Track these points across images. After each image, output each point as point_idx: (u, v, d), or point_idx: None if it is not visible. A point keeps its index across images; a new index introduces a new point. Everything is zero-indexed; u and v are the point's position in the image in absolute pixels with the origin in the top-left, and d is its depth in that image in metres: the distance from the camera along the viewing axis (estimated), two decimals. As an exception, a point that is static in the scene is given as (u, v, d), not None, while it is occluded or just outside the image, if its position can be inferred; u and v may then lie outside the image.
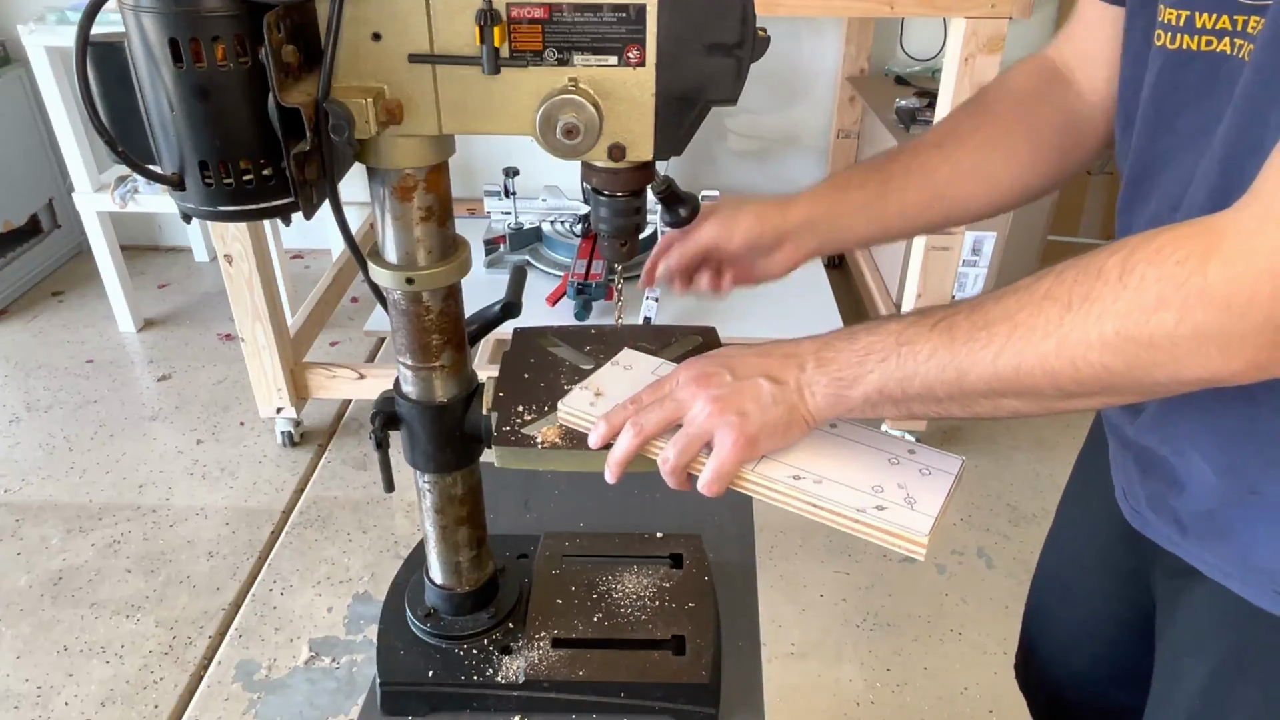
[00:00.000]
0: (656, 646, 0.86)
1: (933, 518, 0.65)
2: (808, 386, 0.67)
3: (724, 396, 0.67)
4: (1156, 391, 0.57)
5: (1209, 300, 0.52)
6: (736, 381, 0.68)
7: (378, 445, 0.78)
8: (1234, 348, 0.52)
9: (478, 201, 2.63)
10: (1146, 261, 0.54)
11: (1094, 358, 0.56)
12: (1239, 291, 0.51)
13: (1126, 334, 0.54)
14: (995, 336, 0.59)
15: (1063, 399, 0.59)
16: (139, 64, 0.57)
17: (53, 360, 2.75)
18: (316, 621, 1.90)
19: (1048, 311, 0.57)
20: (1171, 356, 0.54)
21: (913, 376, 0.63)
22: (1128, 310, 0.54)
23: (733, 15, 0.59)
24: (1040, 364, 0.58)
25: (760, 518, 1.06)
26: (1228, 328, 0.52)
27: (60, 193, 3.12)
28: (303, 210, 0.61)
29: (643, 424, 0.69)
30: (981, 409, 0.63)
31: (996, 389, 0.60)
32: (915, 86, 2.75)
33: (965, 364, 0.60)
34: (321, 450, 2.39)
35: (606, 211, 0.71)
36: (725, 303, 2.43)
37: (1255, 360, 0.52)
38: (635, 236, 0.74)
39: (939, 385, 0.62)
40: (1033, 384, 0.58)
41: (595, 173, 0.70)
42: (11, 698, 1.74)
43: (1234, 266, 0.51)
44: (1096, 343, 0.55)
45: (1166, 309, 0.53)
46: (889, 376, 0.64)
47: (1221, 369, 0.53)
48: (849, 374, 0.65)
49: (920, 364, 0.62)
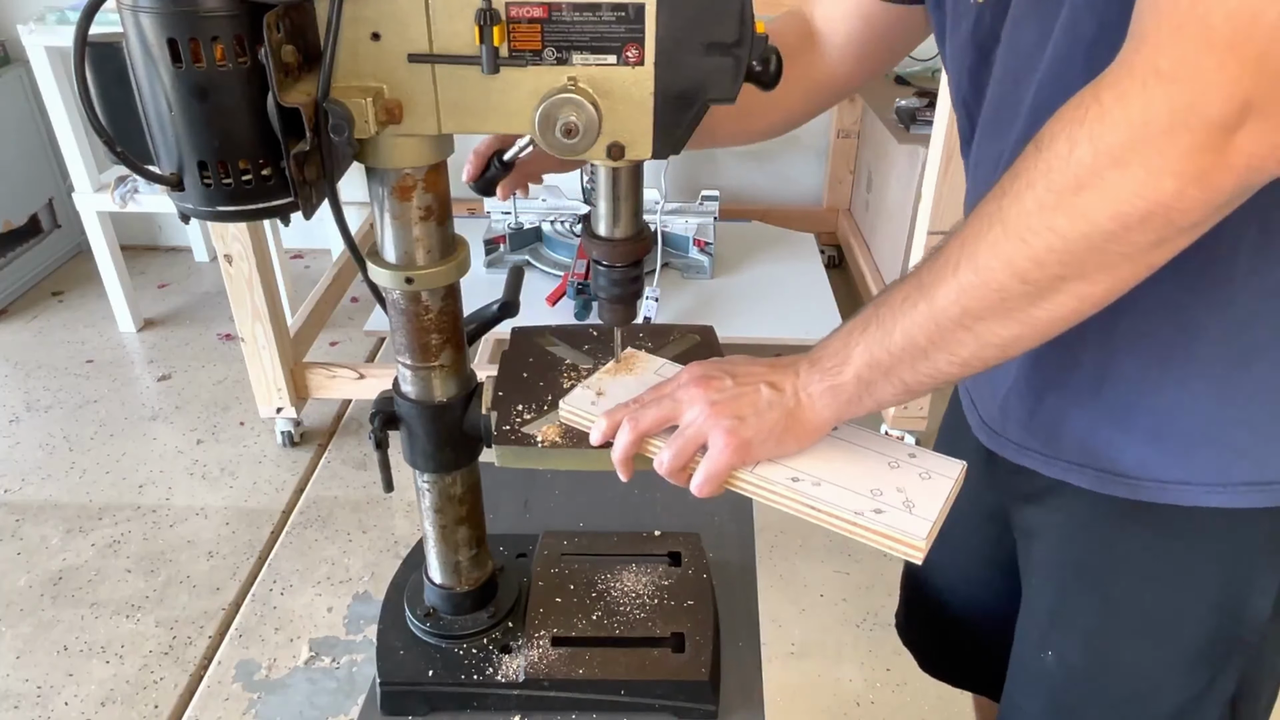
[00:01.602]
0: (656, 644, 0.86)
1: (930, 522, 0.65)
2: (804, 389, 0.67)
3: (722, 400, 0.68)
4: (1117, 253, 0.55)
5: (1110, 120, 0.52)
6: (736, 386, 0.68)
7: (377, 445, 0.78)
8: (1154, 160, 0.51)
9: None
10: (1053, 123, 0.55)
11: (1037, 223, 0.55)
12: (1133, 102, 0.51)
13: (1055, 186, 0.54)
14: (949, 253, 0.60)
15: (1033, 298, 0.57)
16: (137, 64, 0.57)
17: (53, 360, 2.75)
18: (316, 621, 1.90)
19: (988, 206, 0.58)
20: (1103, 192, 0.52)
21: (891, 330, 0.63)
22: (1049, 165, 0.54)
23: (731, 14, 0.59)
24: (993, 253, 0.57)
25: (760, 518, 1.06)
26: (1136, 139, 0.51)
27: (60, 193, 3.12)
28: (302, 210, 0.61)
29: (639, 420, 0.70)
30: (966, 347, 0.61)
31: (968, 307, 0.59)
32: (915, 86, 2.75)
33: (931, 289, 0.60)
34: (321, 450, 2.39)
35: (605, 281, 0.74)
36: (725, 303, 2.44)
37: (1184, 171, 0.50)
38: (634, 302, 0.77)
39: (917, 330, 0.61)
40: (996, 283, 0.57)
41: (596, 245, 0.72)
42: (11, 698, 1.74)
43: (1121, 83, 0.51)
44: (1034, 208, 0.55)
45: (1079, 146, 0.53)
46: (872, 343, 0.64)
47: (1156, 190, 0.51)
48: (838, 358, 0.66)
49: (895, 314, 0.63)
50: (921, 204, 2.03)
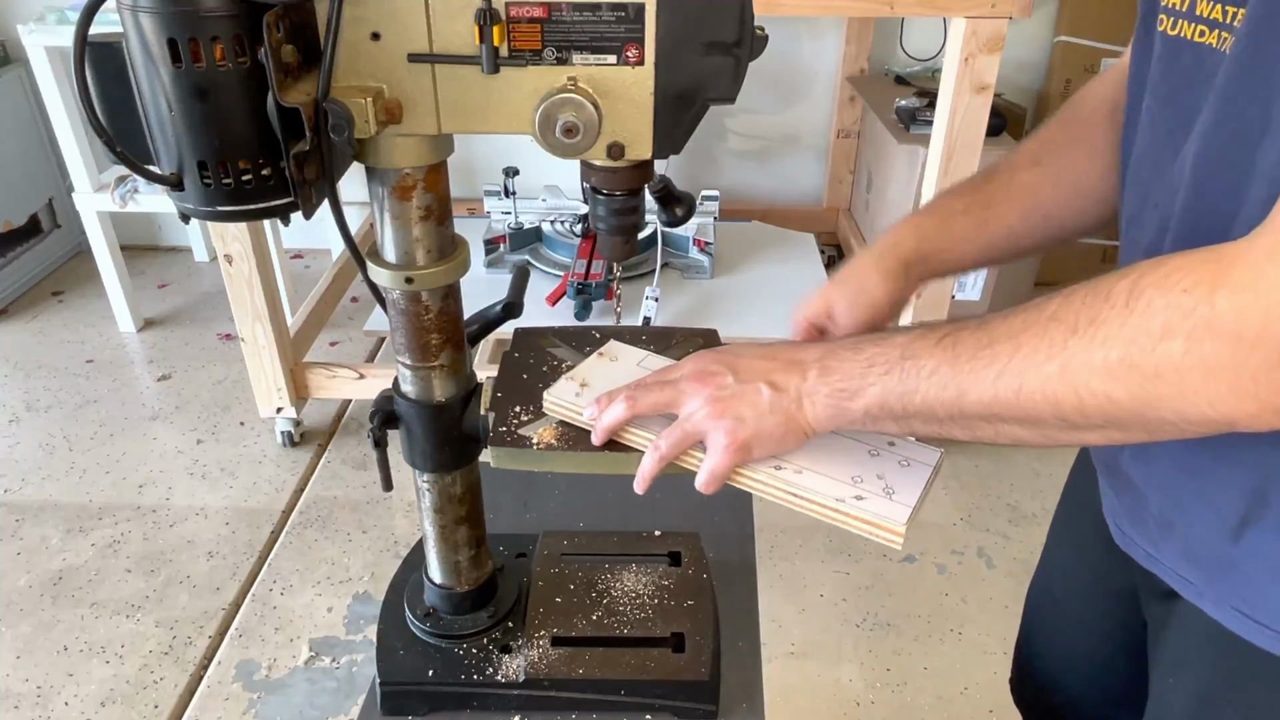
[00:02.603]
0: (656, 644, 0.86)
1: (910, 508, 0.66)
2: (808, 396, 0.66)
3: (723, 399, 0.67)
4: (1164, 431, 0.54)
5: (1217, 331, 0.49)
6: (738, 384, 0.67)
7: (376, 444, 0.78)
8: (1245, 384, 0.49)
9: (477, 201, 2.63)
10: (1154, 287, 0.52)
11: (1097, 385, 0.53)
12: (1249, 323, 0.48)
13: (1131, 361, 0.52)
14: (998, 356, 0.58)
15: (1065, 430, 0.57)
16: (137, 64, 0.57)
17: (53, 360, 2.75)
18: (316, 621, 1.90)
19: (1053, 333, 0.55)
20: (1178, 390, 0.51)
21: (913, 392, 0.61)
22: (1133, 336, 0.52)
23: (731, 14, 0.59)
24: (1042, 388, 0.56)
25: (760, 517, 1.06)
26: (1237, 361, 0.49)
27: (60, 193, 3.12)
28: (302, 210, 0.61)
29: (637, 400, 0.70)
30: (983, 433, 0.61)
31: (997, 412, 0.58)
32: (915, 86, 2.75)
33: (966, 382, 0.59)
34: (321, 450, 2.39)
35: (605, 210, 0.71)
36: (725, 303, 2.44)
37: (1271, 402, 0.49)
38: (634, 235, 0.74)
39: (939, 404, 0.61)
40: (1034, 409, 0.57)
41: (594, 171, 0.70)
42: (11, 698, 1.74)
43: (1242, 296, 0.49)
44: (1100, 369, 0.53)
45: (1173, 338, 0.50)
46: (890, 391, 0.62)
47: (1234, 409, 0.50)
48: (851, 385, 0.64)
49: (922, 380, 0.61)
50: (921, 204, 2.02)
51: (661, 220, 0.75)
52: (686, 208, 0.76)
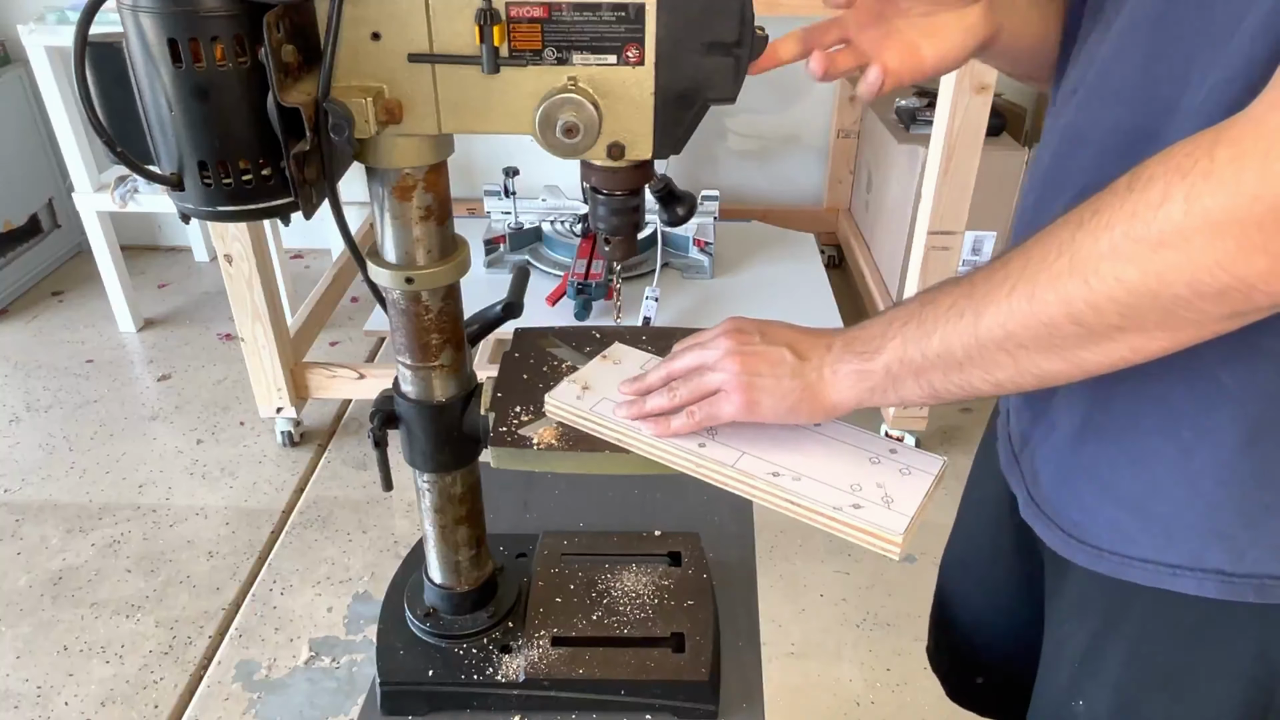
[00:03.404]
0: (656, 644, 0.86)
1: (908, 517, 0.65)
2: (830, 365, 0.67)
3: (746, 353, 0.69)
4: (1182, 319, 0.52)
5: (1216, 183, 0.48)
6: (763, 343, 0.69)
7: (376, 444, 0.78)
8: (1253, 237, 0.47)
9: (478, 201, 2.63)
10: (1155, 163, 0.51)
11: (1106, 269, 0.52)
12: (1248, 169, 0.47)
13: (1135, 235, 0.50)
14: (1010, 271, 0.57)
15: (1084, 340, 0.55)
16: (137, 64, 0.57)
17: (53, 360, 2.75)
18: (316, 621, 1.90)
19: (1060, 234, 0.54)
20: (1186, 256, 0.49)
21: (931, 333, 0.61)
22: (1134, 210, 0.50)
23: (731, 14, 0.59)
24: (1053, 286, 0.54)
25: (760, 517, 1.06)
26: (1241, 212, 0.47)
27: (60, 192, 3.12)
28: (302, 210, 0.61)
29: (672, 365, 0.73)
30: (1004, 372, 0.58)
31: (1012, 331, 0.56)
32: (915, 86, 2.75)
33: (981, 305, 0.58)
34: (321, 450, 2.39)
35: (605, 210, 0.72)
36: (725, 303, 2.44)
37: None
38: (634, 235, 0.74)
39: (956, 340, 0.59)
40: (1047, 315, 0.55)
41: (594, 171, 0.70)
42: (11, 698, 1.74)
43: (1240, 145, 0.47)
44: (1107, 252, 0.51)
45: (1172, 200, 0.49)
46: (909, 339, 0.62)
47: (1245, 267, 0.48)
48: (872, 345, 0.64)
49: (940, 317, 0.60)
50: (921, 204, 2.03)
51: (662, 220, 0.75)
52: (688, 207, 0.76)
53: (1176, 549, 0.66)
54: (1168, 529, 0.66)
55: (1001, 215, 2.38)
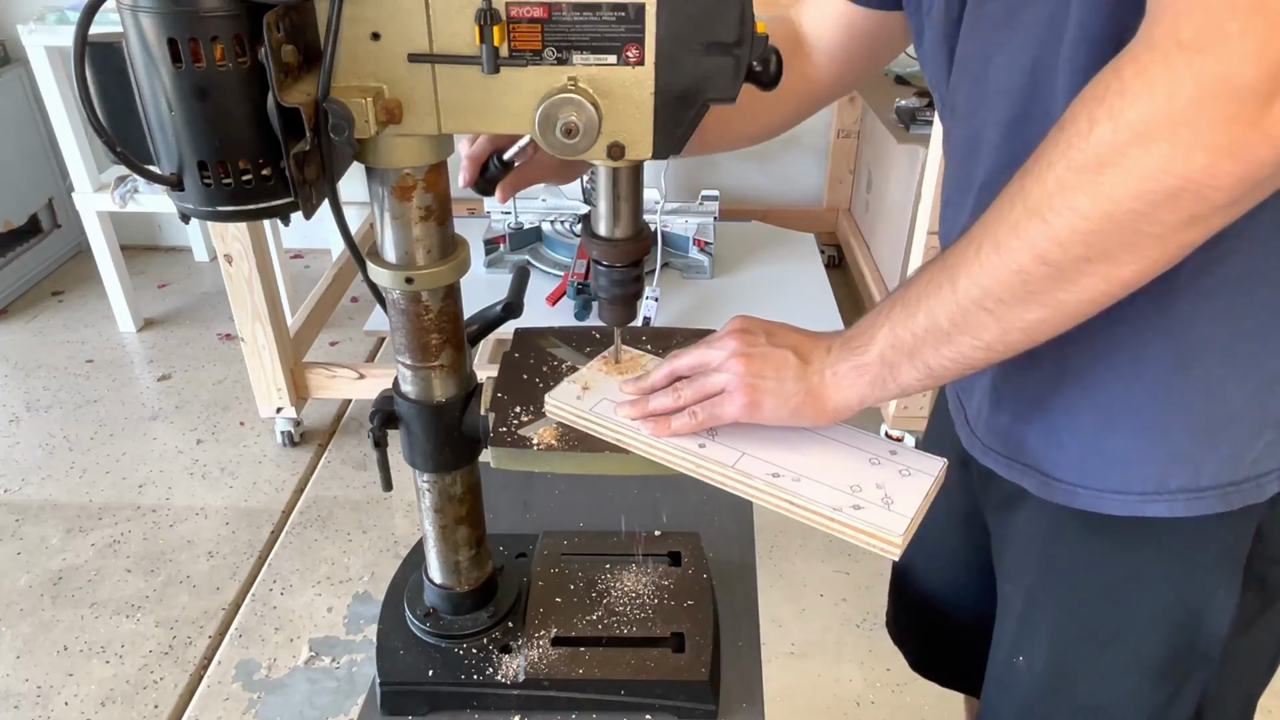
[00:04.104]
0: (656, 644, 0.86)
1: (908, 519, 0.65)
2: (830, 367, 0.68)
3: (750, 354, 0.69)
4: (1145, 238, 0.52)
5: (1132, 96, 0.49)
6: (768, 345, 0.70)
7: (376, 444, 0.78)
8: (1182, 134, 0.48)
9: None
10: (1076, 102, 0.53)
11: (1059, 203, 0.53)
12: (1156, 75, 0.48)
13: (1076, 165, 0.52)
14: (974, 232, 0.59)
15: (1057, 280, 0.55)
16: (137, 64, 0.57)
17: (53, 360, 2.75)
18: (316, 621, 1.90)
19: (1011, 187, 0.56)
20: (1128, 171, 0.50)
21: (915, 312, 0.62)
22: (1069, 143, 0.52)
23: (731, 14, 0.59)
24: (1014, 234, 0.55)
25: (760, 517, 1.06)
26: (1161, 115, 0.48)
27: (60, 192, 3.12)
28: (302, 210, 0.61)
29: (676, 364, 0.74)
30: (990, 332, 0.59)
31: (988, 288, 0.58)
32: (915, 86, 2.75)
33: (955, 271, 0.59)
34: (321, 450, 2.39)
35: (606, 281, 0.74)
36: (725, 303, 2.44)
37: (1215, 144, 0.47)
38: (634, 302, 0.77)
39: (939, 310, 0.61)
40: (1016, 264, 0.56)
41: (596, 245, 0.72)
42: (11, 698, 1.74)
43: (1140, 59, 0.49)
44: (1055, 188, 0.53)
45: (1098, 124, 0.50)
46: (896, 323, 0.64)
47: (1186, 164, 0.48)
48: (864, 338, 0.66)
49: (920, 294, 0.62)
50: (921, 204, 2.03)
51: None
52: None
53: (1141, 477, 0.69)
54: (1129, 458, 0.69)
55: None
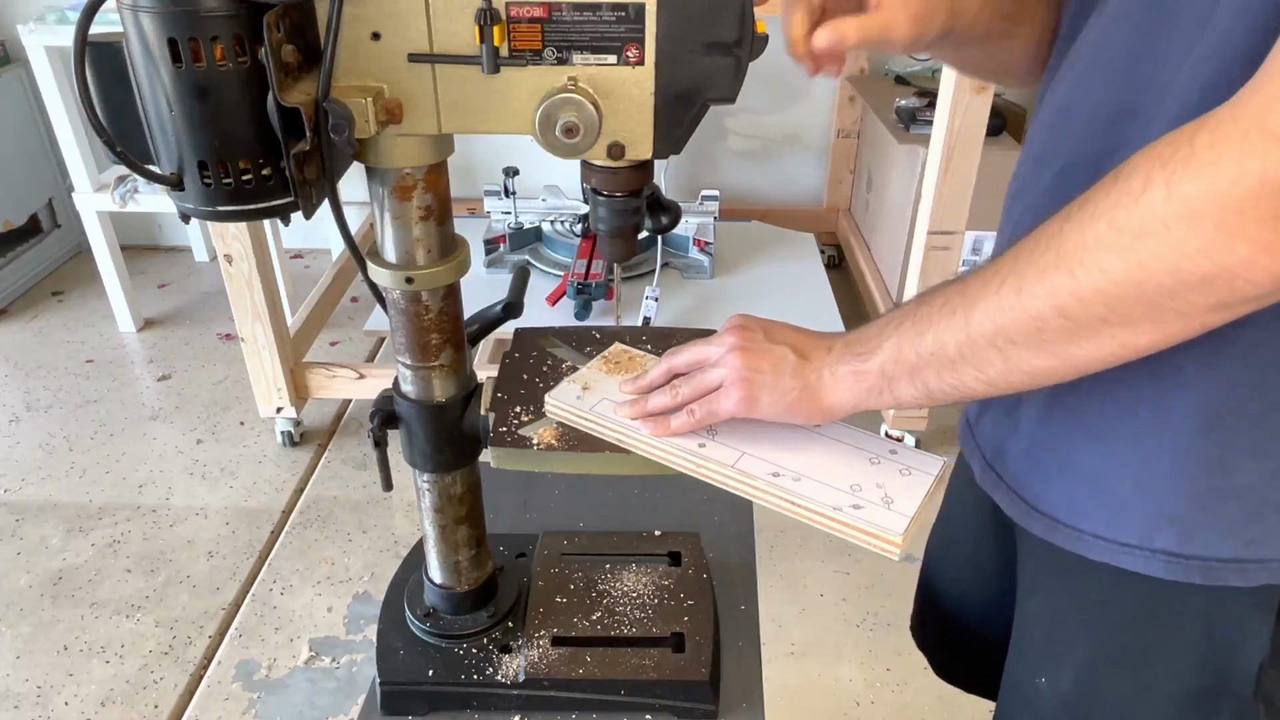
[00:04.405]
0: (656, 644, 0.86)
1: (908, 518, 0.65)
2: (829, 367, 0.67)
3: (748, 350, 0.69)
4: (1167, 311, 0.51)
5: (1196, 168, 0.48)
6: (766, 341, 0.70)
7: (376, 444, 0.78)
8: (1231, 221, 0.47)
9: (478, 201, 2.63)
10: (1139, 155, 0.51)
11: (1090, 260, 0.51)
12: (1226, 155, 0.46)
13: (1118, 225, 0.50)
14: (1001, 265, 0.57)
15: (1071, 335, 0.54)
16: (137, 64, 0.57)
17: (53, 360, 2.75)
18: (316, 621, 1.90)
19: (1049, 228, 0.55)
20: (1167, 244, 0.49)
21: (925, 331, 0.61)
22: (1117, 200, 0.51)
23: (731, 14, 0.59)
24: (1040, 279, 0.54)
25: (760, 518, 1.06)
26: (1219, 197, 0.47)
27: (60, 192, 3.12)
28: (302, 210, 0.61)
29: (674, 360, 0.74)
30: (995, 370, 0.59)
31: (1002, 326, 0.57)
32: (915, 86, 2.75)
33: (973, 300, 0.58)
34: (321, 450, 2.39)
35: (605, 211, 0.72)
36: (725, 303, 2.44)
37: (1259, 239, 0.46)
38: (634, 236, 0.74)
39: (949, 336, 0.60)
40: (1035, 308, 0.55)
41: (594, 173, 0.70)
42: (11, 698, 1.74)
43: (1220, 130, 0.47)
44: (1091, 243, 0.52)
45: (1153, 188, 0.49)
46: (904, 337, 0.63)
47: (1227, 254, 0.47)
48: (869, 345, 0.65)
49: (933, 315, 0.61)
50: (921, 204, 2.03)
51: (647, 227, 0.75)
52: (672, 216, 0.76)
53: (1128, 527, 0.67)
54: (1121, 506, 0.67)
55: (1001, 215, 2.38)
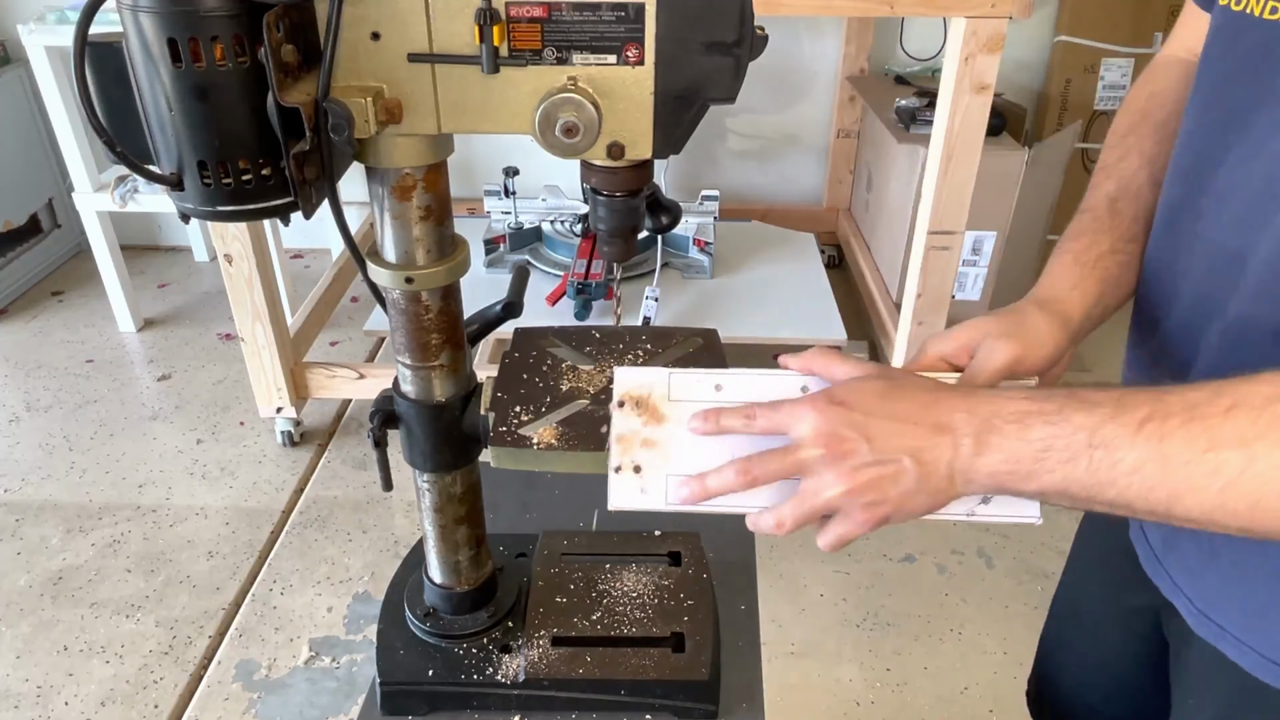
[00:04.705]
0: (656, 644, 0.86)
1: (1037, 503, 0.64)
2: (962, 474, 0.58)
3: (861, 475, 0.58)
4: None
5: None
6: (873, 454, 0.58)
7: (376, 444, 0.78)
8: None
9: (478, 201, 2.63)
10: None
11: None
12: None
13: None
14: (1225, 465, 0.51)
15: None
16: (137, 64, 0.57)
17: (53, 360, 2.75)
18: (316, 621, 1.90)
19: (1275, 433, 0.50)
20: None
21: (1108, 486, 0.54)
22: None
23: (731, 14, 0.59)
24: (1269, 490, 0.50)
25: (760, 517, 1.06)
26: None
27: (60, 192, 3.12)
28: (302, 210, 0.61)
29: (755, 471, 0.61)
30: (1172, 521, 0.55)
31: (1218, 520, 0.53)
32: (915, 86, 2.75)
33: (1182, 488, 0.52)
34: (321, 450, 2.39)
35: (605, 211, 0.72)
36: (725, 303, 2.44)
37: None
38: (634, 236, 0.74)
39: (1140, 503, 0.54)
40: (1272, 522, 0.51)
41: (594, 172, 0.70)
42: (11, 698, 1.74)
43: None
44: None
45: None
46: (1075, 480, 0.55)
47: None
48: (1022, 469, 0.56)
49: (1119, 475, 0.54)
50: (921, 204, 2.03)
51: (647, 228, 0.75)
52: (672, 217, 0.76)
53: None
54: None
55: (1001, 215, 2.38)
